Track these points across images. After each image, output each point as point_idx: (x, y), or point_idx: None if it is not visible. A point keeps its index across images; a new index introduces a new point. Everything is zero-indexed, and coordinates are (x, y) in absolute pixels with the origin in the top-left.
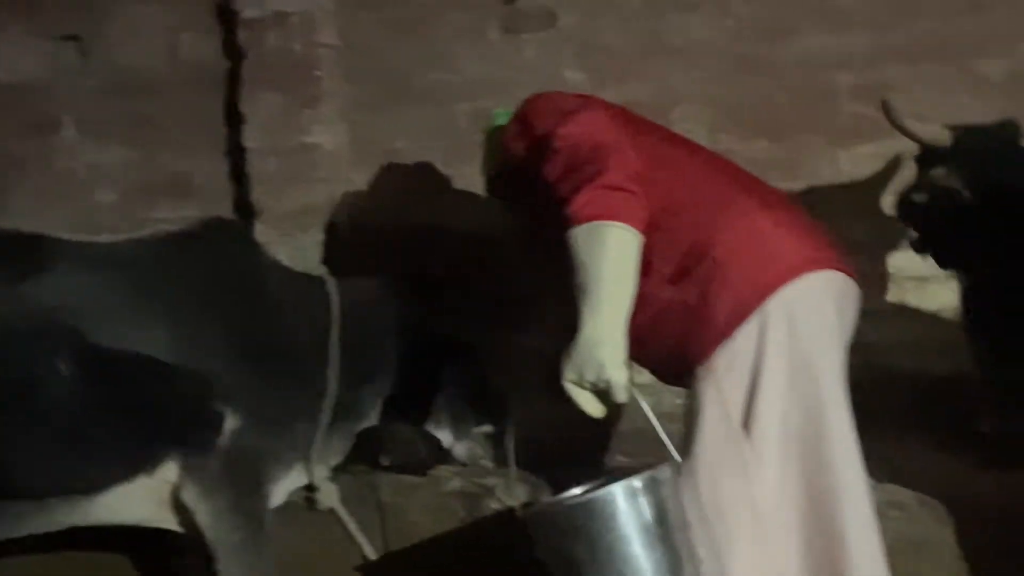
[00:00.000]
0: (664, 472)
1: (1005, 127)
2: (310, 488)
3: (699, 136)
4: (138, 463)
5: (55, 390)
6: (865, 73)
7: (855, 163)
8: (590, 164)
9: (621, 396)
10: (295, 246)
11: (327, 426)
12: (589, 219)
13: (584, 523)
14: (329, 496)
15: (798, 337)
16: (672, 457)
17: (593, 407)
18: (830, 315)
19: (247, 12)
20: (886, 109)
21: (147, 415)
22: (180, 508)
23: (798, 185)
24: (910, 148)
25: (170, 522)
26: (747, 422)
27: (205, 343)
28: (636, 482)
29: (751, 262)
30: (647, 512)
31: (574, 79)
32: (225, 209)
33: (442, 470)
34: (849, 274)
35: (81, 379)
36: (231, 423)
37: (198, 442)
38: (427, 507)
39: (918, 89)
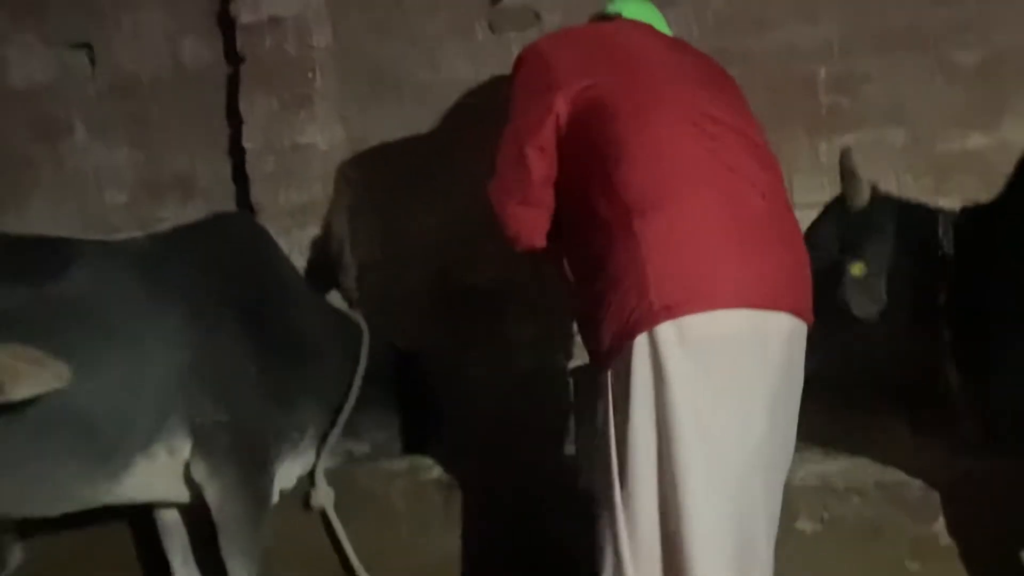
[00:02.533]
0: None
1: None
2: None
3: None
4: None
5: None
6: (841, 63)
7: (835, 153)
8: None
9: None
10: (292, 243)
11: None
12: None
13: None
14: (325, 497)
15: (663, 378)
16: None
17: None
18: (714, 363)
19: (244, 17)
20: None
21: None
22: (192, 484)
23: None
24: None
25: (186, 498)
26: (620, 435)
27: (218, 322)
28: None
29: (637, 286)
30: None
31: None
32: (228, 207)
33: (422, 459)
34: (785, 308)
35: None
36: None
37: None
38: (406, 494)
39: (893, 78)
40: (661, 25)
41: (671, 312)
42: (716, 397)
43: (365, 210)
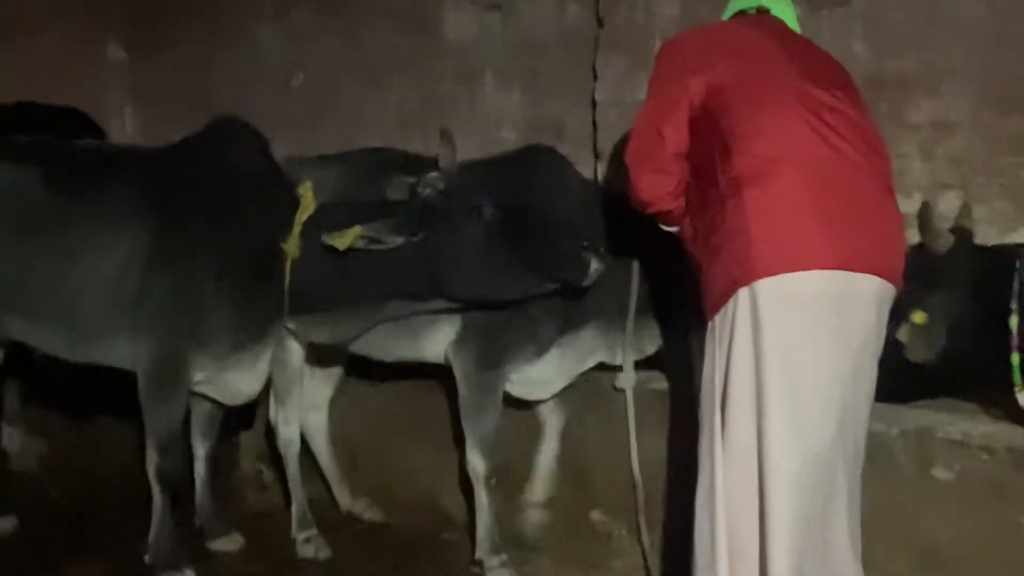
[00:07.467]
0: None
1: None
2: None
3: (962, 110)
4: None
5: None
6: None
7: None
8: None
9: None
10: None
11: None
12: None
13: None
14: (626, 381)
15: (760, 327)
16: None
17: None
18: (804, 316)
19: None
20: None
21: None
22: None
23: None
24: None
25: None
26: (723, 371)
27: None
28: None
29: (742, 245)
30: None
31: (860, 52)
32: (586, 151)
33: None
34: (873, 271)
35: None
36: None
37: (572, 278)
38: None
39: None
40: (792, 22)
41: (769, 270)
42: (804, 347)
43: None
